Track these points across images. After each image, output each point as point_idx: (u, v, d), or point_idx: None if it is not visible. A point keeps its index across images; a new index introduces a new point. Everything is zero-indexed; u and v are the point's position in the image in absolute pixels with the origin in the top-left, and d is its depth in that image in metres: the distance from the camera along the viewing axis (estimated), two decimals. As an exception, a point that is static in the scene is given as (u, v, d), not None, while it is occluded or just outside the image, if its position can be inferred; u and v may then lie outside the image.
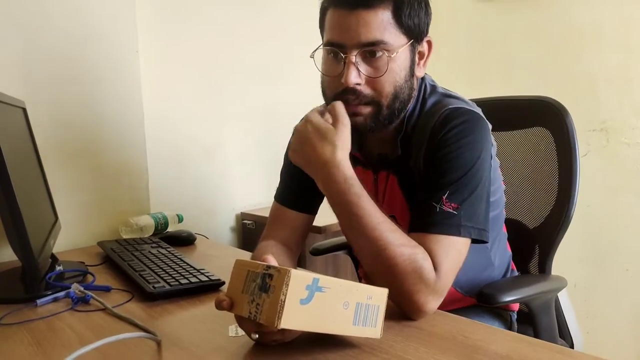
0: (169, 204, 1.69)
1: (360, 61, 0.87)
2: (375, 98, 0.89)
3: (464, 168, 0.87)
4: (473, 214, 0.86)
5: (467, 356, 0.71)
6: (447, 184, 0.86)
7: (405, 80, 0.91)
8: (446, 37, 2.25)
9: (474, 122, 0.91)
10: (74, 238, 1.46)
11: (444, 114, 0.92)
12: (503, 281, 1.11)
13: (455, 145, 0.88)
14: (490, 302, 0.94)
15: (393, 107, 0.91)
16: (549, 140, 1.19)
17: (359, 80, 0.88)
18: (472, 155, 0.88)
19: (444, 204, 0.85)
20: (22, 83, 1.35)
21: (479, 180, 0.88)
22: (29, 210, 0.99)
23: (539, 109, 1.21)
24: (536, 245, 1.22)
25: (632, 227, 1.81)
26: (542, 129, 1.20)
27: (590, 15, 1.83)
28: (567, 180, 1.15)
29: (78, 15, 1.44)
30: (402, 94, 0.91)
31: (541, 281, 1.12)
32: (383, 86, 0.88)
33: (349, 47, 0.87)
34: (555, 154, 1.18)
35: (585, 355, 0.71)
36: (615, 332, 1.88)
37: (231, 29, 1.85)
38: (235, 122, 1.89)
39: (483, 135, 0.91)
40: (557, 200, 1.17)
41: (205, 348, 0.77)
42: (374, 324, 0.73)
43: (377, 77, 0.88)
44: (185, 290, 1.01)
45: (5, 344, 0.81)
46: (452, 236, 0.84)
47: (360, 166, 1.04)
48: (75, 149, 1.47)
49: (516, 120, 1.24)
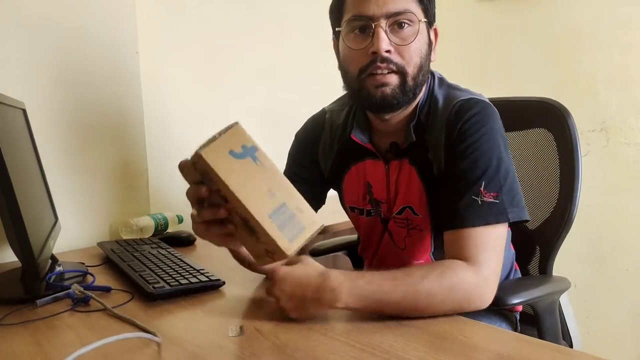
0: (168, 205, 1.68)
1: (388, 31, 0.90)
2: (404, 66, 0.91)
3: (491, 156, 0.89)
4: (513, 197, 0.89)
5: (467, 356, 0.71)
6: (480, 176, 0.88)
7: (427, 55, 0.94)
8: (446, 37, 2.24)
9: (487, 110, 0.94)
10: (74, 239, 1.46)
11: (457, 105, 0.94)
12: (510, 283, 1.11)
13: (476, 136, 0.91)
14: (499, 304, 0.93)
15: (417, 79, 0.93)
16: (551, 141, 1.19)
17: (390, 48, 0.90)
18: (493, 142, 0.91)
19: (484, 196, 0.87)
20: (22, 83, 1.35)
21: (506, 164, 0.91)
22: (29, 211, 0.99)
23: (540, 110, 1.21)
24: (536, 246, 1.22)
25: (632, 227, 1.81)
26: (544, 130, 1.20)
27: (590, 15, 1.83)
28: (569, 182, 1.15)
29: (78, 16, 1.44)
30: (424, 67, 0.94)
31: (547, 283, 1.12)
32: (411, 55, 0.91)
33: (377, 17, 0.89)
34: (557, 156, 1.18)
35: (585, 355, 0.71)
36: (615, 332, 1.88)
37: (231, 29, 1.85)
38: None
39: (497, 121, 0.95)
40: (558, 201, 1.17)
41: (205, 348, 0.77)
42: (290, 237, 0.70)
43: (406, 44, 0.90)
44: (185, 290, 1.01)
45: (5, 344, 0.81)
46: (498, 226, 0.86)
47: (370, 159, 1.05)
48: (75, 150, 1.47)
49: (517, 121, 1.24)
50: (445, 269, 0.82)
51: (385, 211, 1.07)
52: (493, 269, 0.86)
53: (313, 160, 1.13)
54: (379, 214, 1.08)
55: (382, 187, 1.05)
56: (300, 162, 1.14)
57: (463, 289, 0.82)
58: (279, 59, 1.98)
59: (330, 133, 1.11)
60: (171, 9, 1.70)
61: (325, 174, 1.13)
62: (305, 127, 1.18)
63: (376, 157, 1.04)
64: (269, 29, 1.96)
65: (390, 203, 1.05)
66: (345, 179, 1.10)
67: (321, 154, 1.13)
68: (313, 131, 1.14)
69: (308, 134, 1.15)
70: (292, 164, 1.15)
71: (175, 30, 1.71)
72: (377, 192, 1.06)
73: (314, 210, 1.11)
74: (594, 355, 0.70)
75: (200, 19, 1.77)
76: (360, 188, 1.09)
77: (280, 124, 2.01)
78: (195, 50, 1.76)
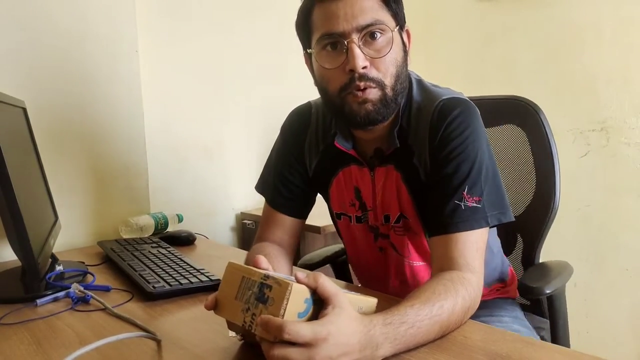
0: (168, 204, 1.69)
1: (362, 45, 0.87)
2: (381, 79, 0.88)
3: (474, 159, 0.89)
4: (494, 200, 0.89)
5: (467, 356, 0.71)
6: (463, 180, 0.88)
7: (403, 61, 0.92)
8: (446, 37, 2.25)
9: (469, 110, 0.93)
10: (74, 238, 1.46)
11: (439, 106, 0.93)
12: (536, 273, 1.15)
13: (459, 139, 0.90)
14: (537, 293, 1.01)
15: (396, 88, 0.90)
16: (522, 137, 1.24)
17: (366, 63, 0.87)
18: (476, 144, 0.90)
19: (467, 200, 0.87)
20: (22, 83, 1.35)
21: (488, 165, 0.91)
22: (29, 210, 0.99)
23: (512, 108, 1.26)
24: (517, 234, 1.26)
25: (632, 227, 1.80)
26: (514, 126, 1.25)
27: (590, 15, 1.83)
28: (546, 172, 1.20)
29: (78, 15, 1.44)
30: (402, 74, 0.91)
31: (564, 268, 1.16)
32: (387, 66, 0.88)
33: (348, 33, 0.86)
34: (530, 150, 1.23)
35: (585, 355, 0.71)
36: (615, 332, 1.88)
37: (231, 29, 1.85)
38: (235, 122, 1.89)
39: (478, 120, 0.94)
40: (536, 190, 1.22)
41: (205, 348, 0.77)
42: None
43: (381, 56, 0.87)
44: (185, 290, 1.01)
45: (5, 344, 0.81)
46: (480, 229, 0.87)
47: (355, 165, 1.02)
48: (75, 149, 1.47)
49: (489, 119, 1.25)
50: (463, 290, 0.80)
51: (372, 219, 1.04)
52: (482, 272, 0.87)
53: (299, 158, 1.08)
54: (366, 221, 1.06)
55: (368, 193, 1.03)
56: (286, 160, 1.09)
57: (475, 302, 0.84)
58: (279, 59, 1.98)
59: (316, 131, 1.07)
60: (171, 8, 1.70)
61: (309, 173, 1.08)
62: (290, 120, 1.12)
63: (361, 163, 1.01)
64: (269, 29, 1.96)
65: (376, 210, 1.02)
66: (333, 183, 1.06)
67: (307, 152, 1.08)
68: (299, 126, 1.09)
69: (294, 129, 1.10)
70: (278, 162, 1.10)
71: (175, 30, 1.71)
72: (365, 198, 1.04)
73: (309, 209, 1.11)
74: (594, 356, 0.70)
75: (200, 18, 1.77)
76: (348, 193, 1.05)
77: (280, 124, 2.01)
78: (195, 50, 1.76)
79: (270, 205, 1.10)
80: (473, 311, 0.84)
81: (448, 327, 0.78)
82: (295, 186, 1.08)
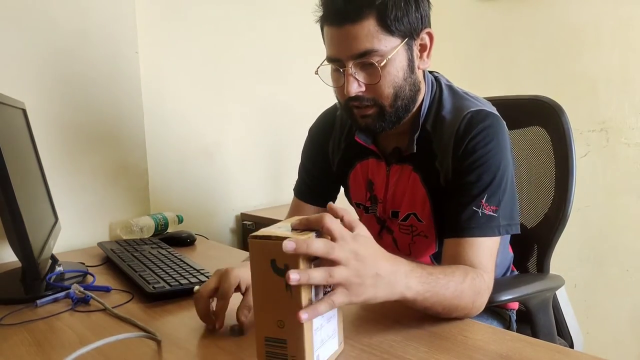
0: (169, 205, 1.68)
1: (357, 71, 0.91)
2: (378, 101, 0.93)
3: (496, 170, 0.92)
4: (509, 212, 0.92)
5: (467, 356, 0.71)
6: (483, 188, 0.91)
7: (405, 78, 0.93)
8: (446, 37, 2.24)
9: (496, 124, 0.95)
10: (74, 239, 1.46)
11: (467, 117, 0.95)
12: (499, 281, 1.11)
13: (484, 150, 0.92)
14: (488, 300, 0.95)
15: (396, 105, 0.94)
16: (546, 139, 1.20)
17: (361, 89, 0.92)
18: (500, 157, 0.93)
19: (485, 208, 0.90)
20: (22, 83, 1.35)
21: (508, 178, 0.94)
22: (29, 211, 0.99)
23: (536, 109, 1.22)
24: (535, 245, 1.22)
25: (632, 227, 1.81)
26: (539, 128, 1.21)
27: (590, 15, 1.83)
28: (564, 179, 1.16)
29: (78, 16, 1.44)
30: (403, 92, 0.94)
31: (537, 280, 1.12)
32: (382, 90, 0.92)
33: (344, 60, 0.91)
34: (552, 153, 1.19)
35: (585, 355, 0.72)
36: (615, 332, 1.88)
37: (231, 28, 1.85)
38: (235, 122, 1.89)
39: (505, 135, 0.96)
40: (554, 199, 1.18)
41: (205, 348, 0.77)
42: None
43: (375, 83, 0.91)
44: (186, 290, 1.01)
45: (5, 344, 0.81)
46: (493, 237, 0.90)
47: (373, 158, 1.07)
48: (75, 150, 1.47)
49: (513, 119, 1.24)
50: (475, 275, 0.84)
51: (380, 211, 1.08)
52: (493, 273, 0.90)
53: (324, 156, 1.16)
54: (374, 212, 1.10)
55: (381, 186, 1.06)
56: (312, 159, 1.18)
57: (483, 294, 0.85)
58: (279, 59, 1.98)
59: (340, 130, 1.13)
60: (171, 9, 1.70)
61: (334, 168, 1.16)
62: (317, 122, 1.20)
63: (379, 157, 1.06)
64: (269, 29, 1.96)
65: (385, 204, 1.06)
66: (351, 176, 1.12)
67: (331, 151, 1.15)
68: (324, 127, 1.17)
69: (319, 130, 1.18)
70: (305, 161, 1.19)
71: (175, 30, 1.71)
72: (377, 190, 1.08)
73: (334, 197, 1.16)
74: (594, 355, 0.70)
75: (200, 19, 1.77)
76: (363, 185, 1.11)
77: (280, 124, 2.01)
78: (195, 50, 1.76)
79: (296, 195, 1.19)
80: (482, 301, 0.85)
81: (462, 294, 0.80)
82: (320, 179, 1.16)
